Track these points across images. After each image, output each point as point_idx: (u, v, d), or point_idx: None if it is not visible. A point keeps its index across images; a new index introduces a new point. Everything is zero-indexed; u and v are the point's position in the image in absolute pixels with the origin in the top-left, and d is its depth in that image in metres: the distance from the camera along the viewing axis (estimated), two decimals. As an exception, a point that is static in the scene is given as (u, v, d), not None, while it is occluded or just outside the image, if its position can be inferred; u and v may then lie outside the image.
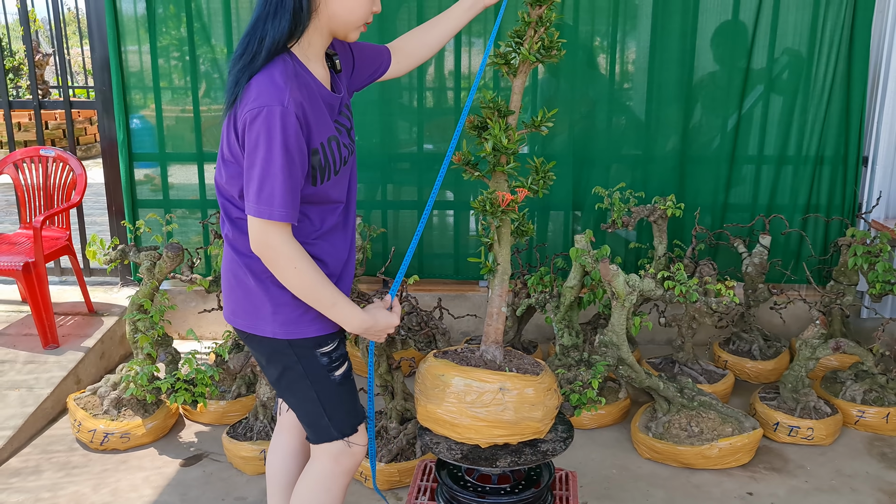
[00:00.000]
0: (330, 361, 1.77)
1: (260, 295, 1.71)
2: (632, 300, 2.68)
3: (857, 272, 3.39)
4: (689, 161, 3.76)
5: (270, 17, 1.58)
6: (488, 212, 2.01)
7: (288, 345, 1.73)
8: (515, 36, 2.00)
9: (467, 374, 1.95)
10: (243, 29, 3.64)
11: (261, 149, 1.53)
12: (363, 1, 1.67)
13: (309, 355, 1.75)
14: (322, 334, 1.74)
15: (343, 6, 1.65)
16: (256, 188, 1.55)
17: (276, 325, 1.71)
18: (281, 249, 1.60)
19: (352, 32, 1.71)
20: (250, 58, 1.58)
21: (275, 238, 1.59)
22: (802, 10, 3.58)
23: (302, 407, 1.82)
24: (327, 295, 1.67)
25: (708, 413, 2.80)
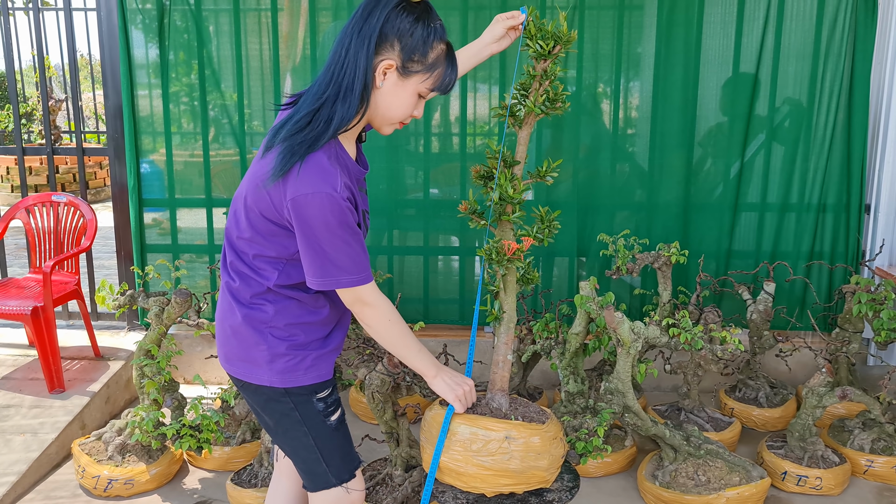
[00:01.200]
0: (326, 407, 1.79)
1: (258, 345, 1.73)
2: (637, 347, 2.68)
3: (862, 319, 3.39)
4: (693, 208, 3.79)
5: (340, 100, 1.61)
6: (494, 260, 2.03)
7: (284, 392, 1.76)
8: (521, 88, 2.04)
9: (473, 423, 1.95)
10: (253, 76, 3.81)
11: (321, 231, 1.59)
12: (406, 105, 1.70)
13: (305, 402, 1.77)
14: (317, 382, 1.77)
15: (385, 101, 1.68)
16: (336, 263, 1.62)
17: (273, 373, 1.74)
18: (377, 304, 1.72)
19: (386, 127, 1.75)
20: (315, 136, 1.60)
21: (369, 296, 1.70)
22: (802, 60, 3.64)
23: (299, 454, 1.83)
24: (413, 344, 1.81)
25: (715, 462, 2.78)
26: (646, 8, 3.69)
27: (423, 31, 1.63)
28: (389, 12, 1.61)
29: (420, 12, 1.64)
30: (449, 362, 3.08)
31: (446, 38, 1.70)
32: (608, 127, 3.80)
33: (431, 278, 3.97)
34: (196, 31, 3.71)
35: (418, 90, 1.69)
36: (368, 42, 1.60)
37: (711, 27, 3.66)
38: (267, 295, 1.73)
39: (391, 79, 1.65)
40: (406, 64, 1.64)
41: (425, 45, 1.64)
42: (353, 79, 1.61)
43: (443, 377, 1.90)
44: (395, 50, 1.63)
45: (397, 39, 1.62)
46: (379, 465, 2.93)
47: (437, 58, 1.67)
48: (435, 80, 1.69)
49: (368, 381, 2.67)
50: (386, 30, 1.61)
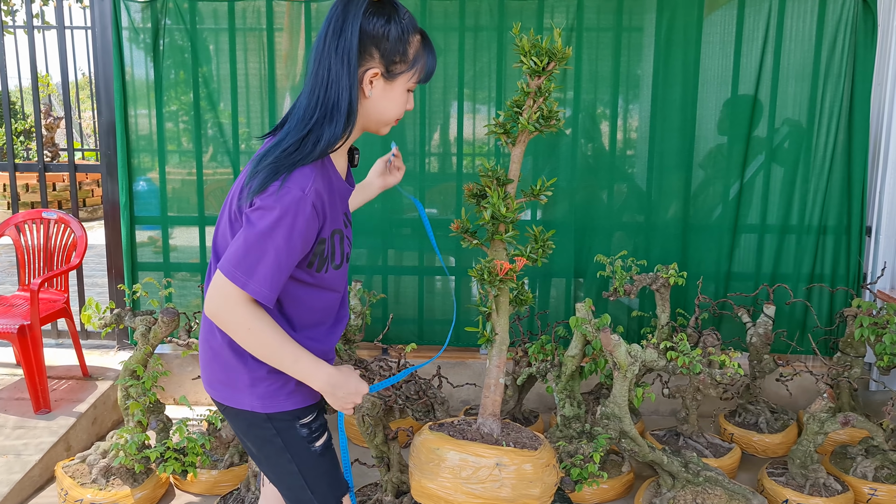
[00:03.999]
0: (310, 433, 1.72)
1: (238, 368, 1.67)
2: (634, 371, 2.62)
3: (864, 344, 3.33)
4: (692, 229, 3.75)
5: (327, 121, 1.57)
6: (486, 280, 1.98)
7: (267, 418, 1.68)
8: (515, 106, 2.00)
9: (463, 449, 1.89)
10: (251, 94, 3.78)
11: (265, 220, 1.50)
12: (398, 104, 1.67)
13: (288, 428, 1.70)
14: (301, 406, 1.70)
15: (378, 107, 1.65)
16: (242, 253, 1.51)
17: (253, 398, 1.67)
18: (235, 311, 1.55)
19: (383, 128, 1.72)
20: (302, 156, 1.55)
21: (233, 302, 1.54)
22: (802, 81, 3.62)
23: (283, 481, 1.76)
24: (288, 353, 1.60)
25: (714, 489, 2.71)
26: (644, 29, 3.68)
27: (397, 30, 1.59)
28: (361, 21, 1.56)
29: (387, 11, 1.60)
30: (442, 384, 3.03)
31: (418, 27, 1.66)
32: (606, 148, 3.77)
33: (427, 299, 3.92)
34: (192, 50, 3.70)
35: (406, 87, 1.66)
36: (348, 57, 1.56)
37: (710, 48, 3.64)
38: None
39: (378, 85, 1.62)
40: (390, 68, 1.61)
41: (402, 43, 1.61)
42: (338, 97, 1.57)
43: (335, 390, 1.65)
44: (376, 57, 1.59)
45: (375, 46, 1.58)
46: (369, 490, 2.86)
47: (416, 52, 1.64)
48: (419, 73, 1.66)
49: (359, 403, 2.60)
50: (363, 39, 1.57)
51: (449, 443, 1.91)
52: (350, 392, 1.67)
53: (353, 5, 1.57)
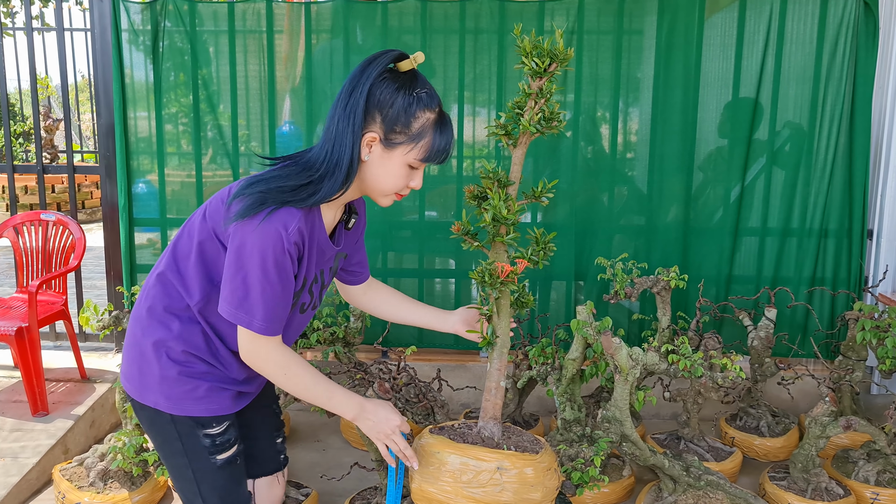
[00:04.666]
0: (213, 443, 1.71)
1: (151, 364, 1.67)
2: (635, 374, 2.60)
3: (866, 347, 3.32)
4: (693, 232, 3.74)
5: (328, 176, 1.58)
6: (487, 283, 1.97)
7: (171, 419, 1.68)
8: (516, 107, 1.99)
9: (464, 452, 1.87)
10: (250, 96, 3.78)
11: (254, 260, 1.52)
12: (396, 177, 1.65)
13: (191, 434, 1.69)
14: (207, 416, 1.69)
15: (373, 174, 1.65)
16: (241, 294, 1.56)
17: (160, 396, 1.67)
18: (268, 358, 1.63)
19: (381, 199, 1.71)
20: (294, 200, 1.55)
21: (262, 348, 1.62)
22: (802, 84, 3.61)
23: (178, 483, 1.76)
24: (322, 390, 1.70)
25: (716, 493, 2.70)
26: (645, 32, 3.67)
27: (405, 101, 1.59)
28: (372, 84, 1.58)
29: (403, 81, 1.60)
30: (442, 387, 3.01)
31: (435, 106, 1.64)
32: (607, 150, 3.76)
33: (427, 301, 3.90)
34: (192, 52, 3.69)
35: (406, 161, 1.64)
36: (353, 116, 1.57)
37: (711, 51, 3.64)
38: (182, 313, 1.67)
39: (376, 151, 1.62)
40: (388, 135, 1.61)
41: (407, 114, 1.60)
42: (340, 154, 1.58)
43: (367, 416, 1.77)
44: (378, 122, 1.60)
45: (378, 111, 1.59)
46: (369, 493, 2.84)
47: (422, 127, 1.62)
48: (422, 150, 1.63)
49: (358, 406, 2.59)
50: (369, 102, 1.58)
51: (449, 446, 1.89)
52: (380, 420, 1.75)
53: (372, 67, 1.59)
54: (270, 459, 2.03)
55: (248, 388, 1.79)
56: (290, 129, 3.83)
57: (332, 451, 3.46)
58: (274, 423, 2.04)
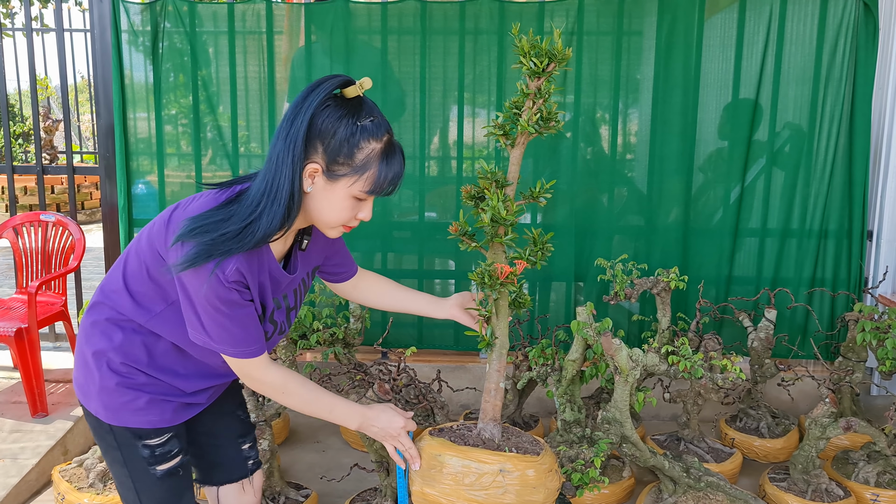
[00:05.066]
0: (152, 454, 1.68)
1: (92, 372, 1.65)
2: (635, 375, 2.60)
3: (866, 348, 3.32)
4: (693, 233, 3.74)
5: (267, 210, 1.51)
6: (486, 284, 1.97)
7: (109, 429, 1.66)
8: (514, 107, 1.99)
9: (465, 455, 1.87)
10: (250, 97, 3.77)
11: (203, 304, 1.51)
12: (341, 209, 1.57)
13: (130, 444, 1.67)
14: (145, 427, 1.66)
15: (317, 206, 1.58)
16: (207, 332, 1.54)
17: (99, 405, 1.65)
18: (263, 380, 1.63)
19: (329, 231, 1.64)
20: (238, 246, 1.50)
21: (255, 371, 1.61)
22: (802, 84, 3.61)
23: (120, 491, 1.74)
24: (324, 405, 1.71)
25: (716, 495, 2.69)
26: (644, 33, 3.67)
27: (347, 131, 1.50)
28: (314, 112, 1.50)
29: (348, 109, 1.52)
30: (442, 388, 3.01)
31: (381, 136, 1.54)
32: (606, 151, 3.76)
33: (426, 302, 3.90)
34: (192, 53, 3.69)
35: (351, 194, 1.55)
36: (294, 146, 1.49)
37: (711, 51, 3.64)
38: (125, 324, 1.64)
39: (319, 183, 1.54)
40: (330, 167, 1.52)
41: (350, 145, 1.51)
42: (280, 186, 1.50)
43: (371, 424, 1.77)
44: (319, 152, 1.52)
45: (320, 140, 1.51)
46: (369, 494, 2.84)
47: (366, 159, 1.53)
48: (366, 183, 1.54)
49: (358, 407, 2.59)
50: (310, 131, 1.50)
51: (451, 449, 1.88)
52: (384, 426, 1.76)
53: (315, 93, 1.51)
54: (237, 466, 1.98)
55: (197, 400, 1.76)
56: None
57: (331, 451, 3.46)
58: (238, 428, 1.99)
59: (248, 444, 2.01)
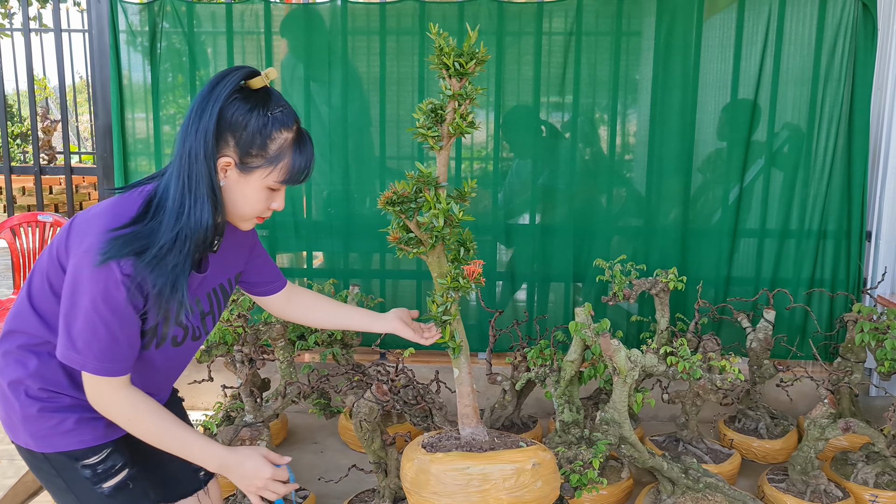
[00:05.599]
0: (94, 474, 1.60)
1: (12, 404, 1.58)
2: (634, 376, 2.60)
3: (865, 349, 3.31)
4: (691, 234, 3.74)
5: (194, 210, 1.48)
6: (463, 286, 1.95)
7: (44, 458, 1.59)
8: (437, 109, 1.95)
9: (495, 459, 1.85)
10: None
11: (85, 301, 1.44)
12: (256, 201, 1.57)
13: (68, 468, 1.60)
14: (80, 448, 1.59)
15: (231, 199, 1.56)
16: (74, 336, 1.47)
17: (27, 435, 1.58)
18: (112, 401, 1.53)
19: (242, 223, 1.63)
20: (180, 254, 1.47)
21: (106, 391, 1.52)
22: (801, 85, 3.61)
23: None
24: (175, 439, 1.57)
25: (715, 495, 2.69)
26: (643, 33, 3.67)
27: (259, 122, 1.50)
28: (223, 105, 1.48)
29: (256, 100, 1.51)
30: (441, 389, 3.00)
31: (292, 125, 1.54)
32: (605, 152, 3.76)
33: (425, 303, 3.90)
34: (190, 53, 3.68)
35: (265, 185, 1.55)
36: (205, 141, 1.47)
37: (709, 52, 3.63)
38: (40, 349, 1.57)
39: (232, 176, 1.53)
40: (244, 159, 1.51)
41: (262, 136, 1.50)
42: (198, 182, 1.47)
43: (231, 470, 1.62)
44: (231, 145, 1.50)
45: (231, 134, 1.49)
46: (367, 496, 2.84)
47: (279, 149, 1.53)
48: (281, 172, 1.55)
49: (356, 408, 2.59)
50: (220, 125, 1.48)
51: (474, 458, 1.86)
52: (246, 476, 1.61)
53: (220, 87, 1.49)
54: (187, 480, 1.89)
55: None
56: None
57: (329, 452, 3.45)
58: None
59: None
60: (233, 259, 1.77)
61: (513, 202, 3.81)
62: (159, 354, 1.63)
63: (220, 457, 1.60)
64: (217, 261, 1.70)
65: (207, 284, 1.68)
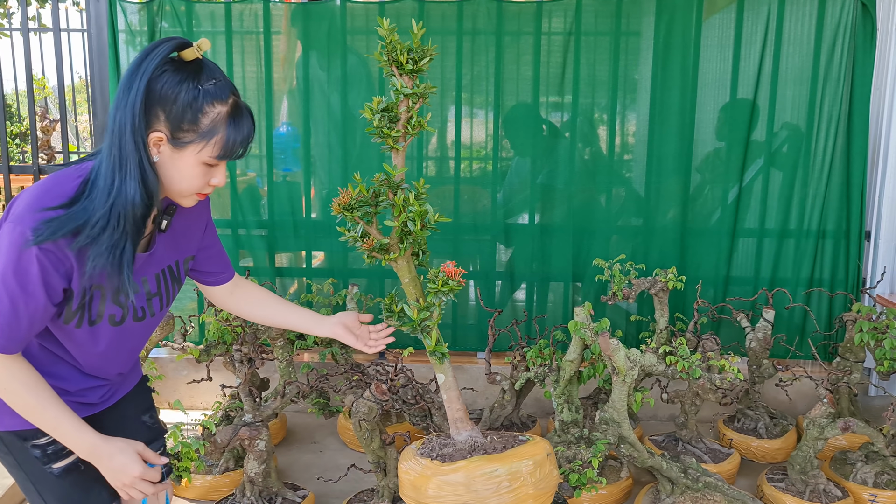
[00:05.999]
0: (44, 454, 1.60)
1: None
2: (633, 375, 2.60)
3: (864, 349, 3.31)
4: (690, 233, 3.74)
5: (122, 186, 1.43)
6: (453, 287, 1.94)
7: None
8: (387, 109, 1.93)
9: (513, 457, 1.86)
10: (247, 97, 3.77)
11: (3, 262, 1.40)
12: (192, 177, 1.50)
13: (18, 447, 1.60)
14: (28, 428, 1.58)
15: (166, 175, 1.50)
16: None
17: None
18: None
19: (181, 200, 1.57)
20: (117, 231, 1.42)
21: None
22: (800, 85, 3.61)
23: (26, 496, 1.67)
24: (49, 417, 1.52)
25: (714, 495, 2.69)
26: (642, 33, 3.67)
27: (189, 95, 1.43)
28: (151, 77, 1.41)
29: (188, 72, 1.44)
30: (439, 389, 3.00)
31: (226, 97, 1.47)
32: (604, 151, 3.76)
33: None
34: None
35: (200, 160, 1.48)
36: (133, 115, 1.41)
37: (709, 51, 3.63)
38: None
39: (166, 151, 1.46)
40: (175, 134, 1.45)
41: (193, 110, 1.43)
42: (126, 157, 1.42)
43: (101, 458, 1.56)
44: (162, 119, 1.44)
45: (161, 108, 1.43)
46: (366, 495, 2.83)
47: (212, 123, 1.46)
48: (215, 147, 1.47)
49: (355, 408, 2.59)
50: (149, 98, 1.42)
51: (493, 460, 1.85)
52: (114, 469, 1.57)
53: (148, 60, 1.43)
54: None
55: (88, 399, 1.68)
56: (287, 130, 3.82)
57: (328, 452, 3.45)
58: (144, 435, 1.82)
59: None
60: (184, 242, 1.72)
61: (512, 201, 3.81)
62: (93, 333, 1.59)
63: (91, 444, 1.56)
64: (166, 241, 1.66)
65: (155, 265, 1.64)
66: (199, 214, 1.75)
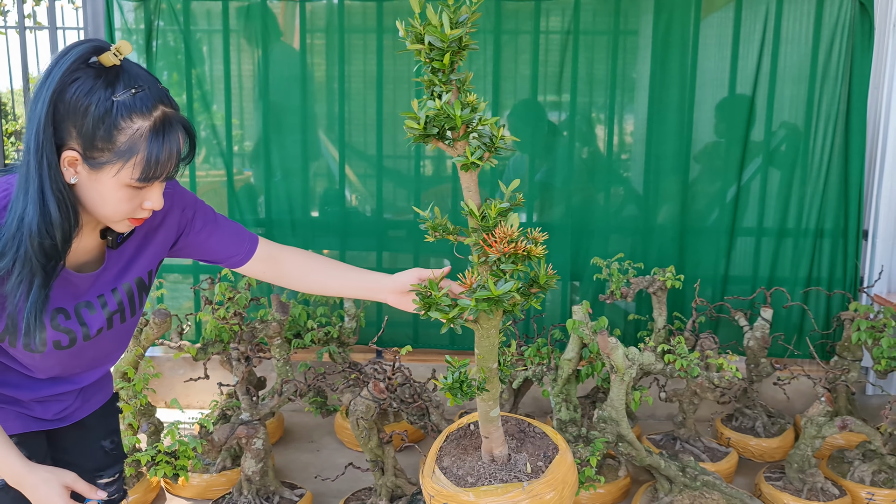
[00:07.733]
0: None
1: None
2: (631, 374, 2.60)
3: (862, 347, 3.32)
4: (689, 232, 3.74)
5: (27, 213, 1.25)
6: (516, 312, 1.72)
7: None
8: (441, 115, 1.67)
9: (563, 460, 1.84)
10: (244, 96, 3.76)
11: None
12: (116, 200, 1.30)
13: None
14: None
15: (87, 199, 1.31)
16: None
17: None
18: None
19: (114, 225, 1.37)
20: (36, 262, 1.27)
21: None
22: (798, 84, 3.61)
23: None
24: None
25: (712, 494, 2.69)
26: (641, 32, 3.67)
27: (100, 108, 1.23)
28: (60, 87, 1.22)
29: (102, 81, 1.24)
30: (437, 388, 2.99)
31: (148, 111, 1.26)
32: (602, 150, 3.75)
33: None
34: (186, 52, 3.66)
35: (122, 182, 1.28)
36: (38, 130, 1.22)
37: (707, 50, 3.63)
38: None
39: (83, 173, 1.28)
40: (88, 153, 1.25)
41: (106, 125, 1.23)
42: (31, 180, 1.24)
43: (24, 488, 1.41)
44: (73, 136, 1.25)
45: (71, 122, 1.24)
46: (363, 494, 2.83)
47: (130, 140, 1.25)
48: (135, 169, 1.27)
49: (353, 406, 2.58)
50: (58, 111, 1.23)
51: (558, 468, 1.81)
52: (38, 500, 1.41)
53: (56, 68, 1.23)
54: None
55: (41, 414, 1.58)
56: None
57: (326, 451, 3.44)
58: (99, 461, 1.73)
59: (106, 480, 1.75)
60: (147, 253, 1.55)
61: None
62: (45, 358, 1.47)
63: (16, 473, 1.40)
64: (119, 257, 1.50)
65: (112, 281, 1.49)
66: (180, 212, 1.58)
